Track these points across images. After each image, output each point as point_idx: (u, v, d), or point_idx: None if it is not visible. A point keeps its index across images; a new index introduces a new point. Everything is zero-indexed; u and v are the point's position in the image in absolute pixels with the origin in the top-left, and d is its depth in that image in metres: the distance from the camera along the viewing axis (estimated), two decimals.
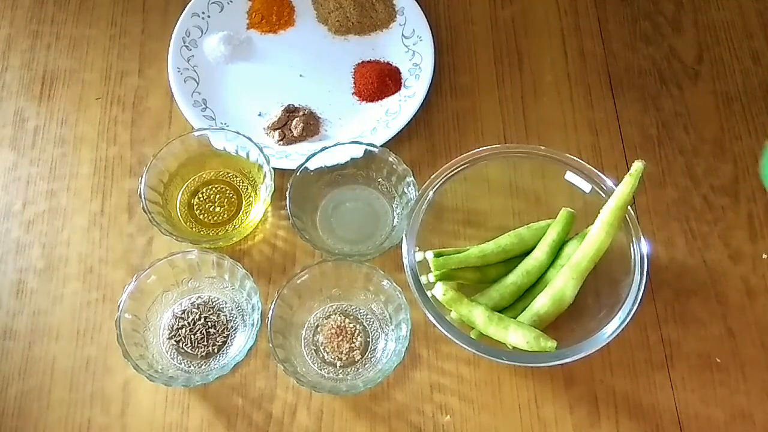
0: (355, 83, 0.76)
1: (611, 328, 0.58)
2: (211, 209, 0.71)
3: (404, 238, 0.62)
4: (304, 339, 0.66)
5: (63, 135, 0.75)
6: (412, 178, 0.66)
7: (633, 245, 0.61)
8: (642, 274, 0.59)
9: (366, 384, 0.61)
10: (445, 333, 0.59)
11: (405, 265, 0.61)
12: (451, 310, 0.62)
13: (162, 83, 0.76)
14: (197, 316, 0.66)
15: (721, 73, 0.76)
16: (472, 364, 0.65)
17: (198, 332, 0.65)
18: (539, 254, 0.63)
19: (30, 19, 0.81)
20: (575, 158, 0.64)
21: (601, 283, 0.64)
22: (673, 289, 0.67)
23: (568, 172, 0.64)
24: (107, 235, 0.70)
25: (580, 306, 0.63)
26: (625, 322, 0.58)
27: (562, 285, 0.61)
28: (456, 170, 0.64)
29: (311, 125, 0.74)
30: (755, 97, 0.75)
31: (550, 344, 0.58)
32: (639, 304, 0.58)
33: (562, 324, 0.63)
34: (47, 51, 0.79)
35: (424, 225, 0.63)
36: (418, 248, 0.63)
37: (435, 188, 0.64)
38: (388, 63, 0.77)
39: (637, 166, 0.59)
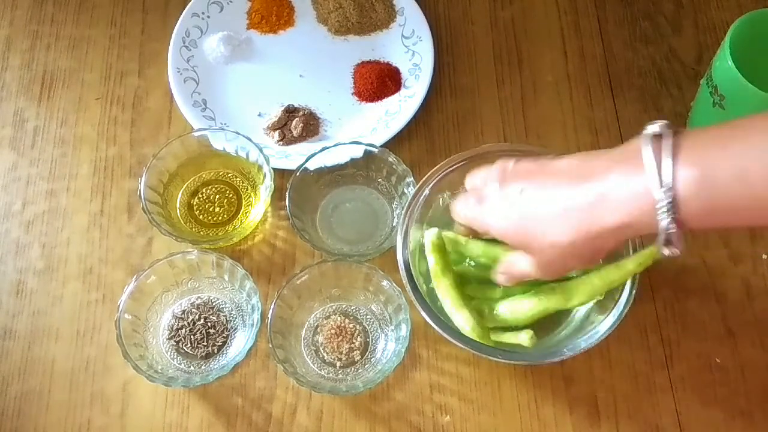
0: (354, 83, 0.76)
1: (605, 325, 0.58)
2: (210, 209, 0.71)
3: (398, 235, 0.62)
4: (303, 339, 0.66)
5: (63, 135, 0.75)
6: (412, 178, 0.66)
7: (628, 242, 0.61)
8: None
9: (366, 384, 0.61)
10: (440, 331, 0.58)
11: (399, 261, 0.60)
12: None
13: (162, 83, 0.76)
14: (197, 317, 0.66)
15: None
16: (471, 364, 0.65)
17: (198, 332, 0.65)
18: None
19: (30, 19, 0.81)
20: None
21: None
22: (673, 289, 0.67)
23: None
24: (107, 235, 0.70)
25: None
26: (620, 319, 0.58)
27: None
28: (452, 168, 0.64)
29: (311, 125, 0.74)
30: None
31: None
32: (634, 294, 0.58)
33: (559, 322, 0.63)
34: (47, 51, 0.79)
35: (420, 223, 0.63)
36: (413, 244, 0.62)
37: (431, 186, 0.64)
38: (387, 63, 0.77)
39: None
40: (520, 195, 0.50)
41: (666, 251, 0.46)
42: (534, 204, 0.49)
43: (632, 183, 0.45)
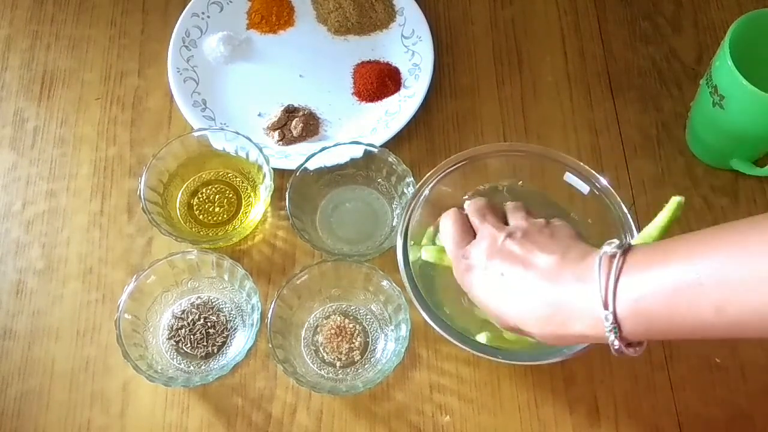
0: (354, 83, 0.76)
1: None
2: (210, 209, 0.71)
3: (398, 235, 0.62)
4: (303, 339, 0.66)
5: (63, 135, 0.75)
6: (412, 178, 0.66)
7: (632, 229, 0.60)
8: None
9: (366, 384, 0.61)
10: (440, 331, 0.58)
11: (399, 261, 0.60)
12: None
13: (162, 83, 0.76)
14: (197, 317, 0.66)
15: None
16: (471, 364, 0.65)
17: (197, 332, 0.65)
18: None
19: (30, 19, 0.81)
20: (571, 158, 0.64)
21: None
22: None
23: (567, 173, 0.64)
24: (107, 235, 0.70)
25: None
26: None
27: None
28: (452, 168, 0.64)
29: (311, 125, 0.74)
30: None
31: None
32: None
33: None
34: (47, 51, 0.79)
35: (418, 223, 0.63)
36: (413, 242, 0.62)
37: (431, 186, 0.64)
38: (387, 63, 0.77)
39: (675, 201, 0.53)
40: (500, 279, 0.52)
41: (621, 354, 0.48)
42: (511, 292, 0.52)
43: (588, 298, 0.47)
